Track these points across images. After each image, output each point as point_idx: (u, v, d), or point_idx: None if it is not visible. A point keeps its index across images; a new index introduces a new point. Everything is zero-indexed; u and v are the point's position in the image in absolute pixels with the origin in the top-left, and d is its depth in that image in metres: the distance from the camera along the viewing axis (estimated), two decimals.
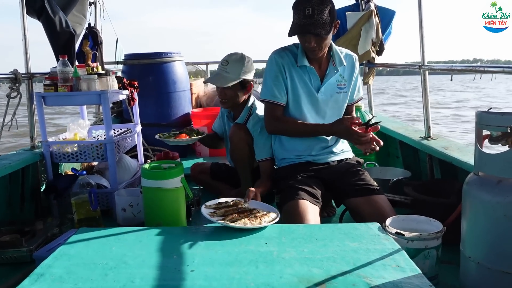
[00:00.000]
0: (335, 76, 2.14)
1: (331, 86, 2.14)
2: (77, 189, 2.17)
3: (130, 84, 2.97)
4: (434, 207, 1.98)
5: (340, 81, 2.16)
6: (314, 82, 2.12)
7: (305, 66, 2.10)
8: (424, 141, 2.61)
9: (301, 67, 2.10)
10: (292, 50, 2.14)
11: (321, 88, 2.12)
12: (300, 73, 2.11)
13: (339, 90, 2.16)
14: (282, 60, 2.11)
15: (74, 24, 3.14)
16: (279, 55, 2.13)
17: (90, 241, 1.53)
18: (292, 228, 1.65)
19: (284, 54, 2.12)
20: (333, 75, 2.14)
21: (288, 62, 2.11)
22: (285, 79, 2.11)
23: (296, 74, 2.11)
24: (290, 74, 2.11)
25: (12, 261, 1.88)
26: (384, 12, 3.65)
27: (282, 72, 2.10)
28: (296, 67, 2.11)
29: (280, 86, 2.11)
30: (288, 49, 2.14)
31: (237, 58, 2.39)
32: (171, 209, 1.90)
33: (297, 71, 2.11)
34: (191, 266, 1.32)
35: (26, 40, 2.59)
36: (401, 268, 1.29)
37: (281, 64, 2.11)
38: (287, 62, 2.11)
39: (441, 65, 3.03)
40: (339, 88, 2.16)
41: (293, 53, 2.13)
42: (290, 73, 2.11)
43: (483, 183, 1.38)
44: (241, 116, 2.47)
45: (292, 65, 2.11)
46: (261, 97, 2.18)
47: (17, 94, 2.55)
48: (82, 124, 2.66)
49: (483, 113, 1.40)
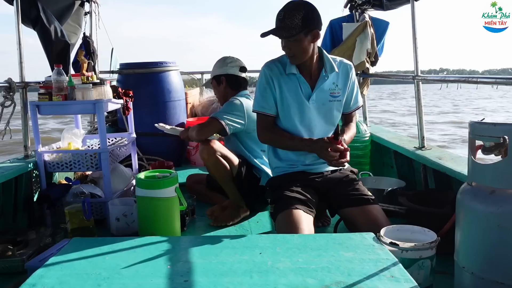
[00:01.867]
0: (327, 83, 2.13)
1: (324, 94, 2.13)
2: (70, 198, 2.16)
3: (125, 93, 2.97)
4: (429, 217, 1.99)
5: (333, 89, 2.14)
6: (305, 90, 2.12)
7: (293, 74, 2.11)
8: (418, 151, 2.62)
9: (290, 75, 2.11)
10: (282, 60, 2.15)
11: (312, 96, 2.11)
12: (289, 82, 2.12)
13: (332, 98, 2.14)
14: (271, 72, 2.13)
15: (69, 33, 3.15)
16: (268, 67, 2.15)
17: (83, 251, 1.52)
18: (287, 238, 1.65)
19: (273, 65, 2.15)
20: (324, 82, 2.13)
21: (277, 72, 2.13)
22: (274, 90, 2.12)
23: (285, 84, 2.12)
24: (279, 84, 2.12)
25: (4, 271, 1.86)
26: (378, 23, 3.69)
27: (270, 83, 2.12)
28: (284, 75, 2.12)
29: (269, 97, 2.13)
30: (278, 60, 2.17)
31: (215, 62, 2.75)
32: (165, 218, 1.90)
33: (286, 80, 2.12)
34: (185, 276, 1.31)
35: (21, 49, 2.59)
36: (395, 278, 1.28)
37: (269, 75, 2.13)
38: (275, 72, 2.13)
39: (434, 76, 3.06)
40: (332, 96, 2.14)
41: (283, 63, 2.14)
42: (279, 82, 2.12)
43: (476, 194, 1.39)
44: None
45: (281, 74, 2.12)
46: (253, 109, 2.21)
47: (11, 103, 2.54)
48: (76, 133, 2.65)
49: (476, 124, 1.41)
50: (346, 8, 3.81)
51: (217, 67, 2.71)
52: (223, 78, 2.67)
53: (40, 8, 2.75)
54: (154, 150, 3.67)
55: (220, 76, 2.68)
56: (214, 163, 2.41)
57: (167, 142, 3.83)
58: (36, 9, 2.73)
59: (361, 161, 3.17)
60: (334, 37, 3.74)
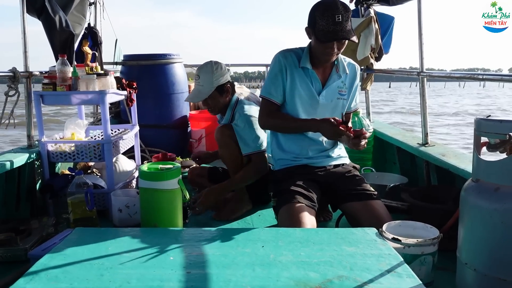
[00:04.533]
0: (337, 82, 2.16)
1: (333, 91, 2.16)
2: (73, 188, 2.16)
3: (129, 84, 2.97)
4: (431, 213, 1.99)
5: (341, 87, 2.17)
6: (316, 86, 2.13)
7: (307, 68, 2.11)
8: (422, 148, 2.62)
9: (303, 69, 2.12)
10: (297, 52, 2.15)
11: (323, 92, 2.13)
12: (302, 75, 2.12)
13: (339, 96, 2.17)
14: (286, 60, 2.12)
15: (74, 24, 3.14)
16: (283, 55, 2.15)
17: (86, 241, 1.52)
18: (289, 231, 1.65)
19: (288, 54, 2.14)
20: (335, 81, 2.16)
21: (291, 63, 2.12)
22: (285, 80, 2.12)
23: (298, 76, 2.12)
24: (292, 75, 2.12)
25: (6, 260, 1.87)
26: (383, 18, 3.67)
27: (283, 72, 2.12)
28: (298, 68, 2.12)
29: (278, 85, 2.12)
30: (294, 51, 2.16)
31: (206, 70, 2.43)
32: (168, 210, 1.90)
33: (299, 72, 2.12)
34: (188, 268, 1.31)
35: (26, 39, 2.58)
36: (397, 273, 1.28)
37: (284, 64, 2.12)
38: (290, 62, 2.12)
39: (440, 72, 3.05)
40: (340, 94, 2.17)
41: (298, 55, 2.14)
42: (292, 73, 2.12)
43: (481, 190, 1.39)
44: (225, 117, 2.52)
45: (295, 66, 2.12)
46: (260, 94, 2.22)
47: (15, 92, 2.53)
48: (80, 124, 2.65)
49: (481, 120, 1.41)
50: (352, 3, 3.78)
51: (218, 77, 2.43)
52: (229, 87, 2.48)
53: None
54: (157, 142, 3.67)
55: (224, 85, 2.46)
56: (226, 143, 2.39)
57: (169, 134, 3.84)
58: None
59: (364, 156, 3.17)
60: None
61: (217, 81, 2.42)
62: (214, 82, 2.41)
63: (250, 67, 6.60)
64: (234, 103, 2.50)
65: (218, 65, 2.45)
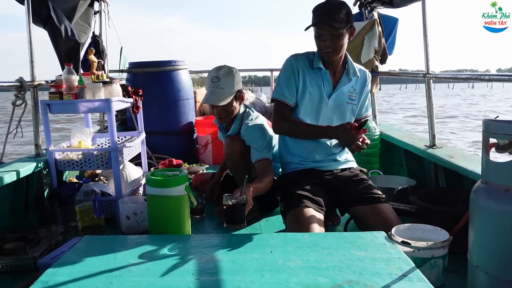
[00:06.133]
0: (347, 86, 2.18)
1: (343, 95, 2.17)
2: (81, 196, 2.16)
3: (135, 92, 2.98)
4: (440, 215, 1.97)
5: (351, 92, 2.19)
6: (327, 88, 2.16)
7: (320, 68, 2.14)
8: (429, 150, 2.60)
9: (316, 70, 2.15)
10: (308, 56, 2.19)
11: (333, 95, 2.16)
12: (314, 76, 2.15)
13: (349, 100, 2.19)
14: (297, 63, 2.16)
15: (79, 32, 3.16)
16: (295, 58, 2.19)
17: (95, 249, 1.52)
18: (297, 236, 1.64)
19: (300, 58, 2.18)
20: (345, 84, 2.17)
21: (303, 65, 2.16)
22: (297, 82, 2.15)
23: (309, 77, 2.15)
24: (303, 77, 2.15)
25: (16, 269, 1.88)
26: (387, 20, 3.67)
27: (296, 74, 2.15)
28: (310, 70, 2.15)
29: (291, 87, 2.15)
30: (305, 55, 2.20)
31: (226, 72, 2.34)
32: (175, 217, 1.90)
33: (311, 74, 2.15)
34: (196, 275, 1.31)
35: (32, 48, 2.60)
36: (408, 277, 1.27)
37: (296, 66, 2.16)
38: (301, 65, 2.16)
39: (446, 73, 3.04)
40: (349, 99, 2.19)
41: (309, 58, 2.18)
42: (304, 76, 2.15)
43: (490, 192, 1.37)
44: (233, 127, 2.46)
45: (307, 68, 2.16)
46: (272, 96, 2.23)
47: (23, 102, 2.55)
48: (86, 132, 2.66)
49: (490, 121, 1.40)
50: (355, 6, 3.78)
51: (238, 81, 2.36)
52: (243, 94, 2.44)
53: (51, 7, 2.76)
54: (163, 149, 3.69)
55: (241, 91, 2.41)
56: (235, 161, 2.40)
57: (176, 141, 3.85)
58: (47, 9, 2.74)
59: (371, 159, 3.15)
60: None
61: (237, 85, 2.36)
62: (235, 86, 2.34)
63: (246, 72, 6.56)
64: (242, 114, 2.46)
65: (236, 69, 2.39)
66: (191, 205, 1.97)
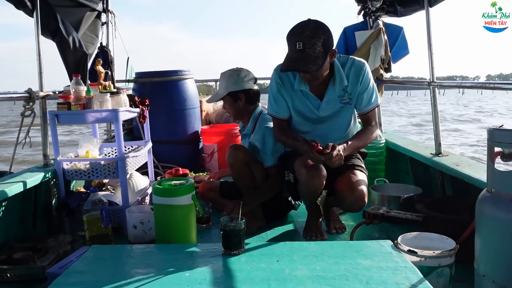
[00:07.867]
0: (336, 92, 2.15)
1: (333, 103, 2.18)
2: (89, 206, 2.18)
3: (142, 102, 3.01)
4: (447, 224, 1.96)
5: (342, 95, 2.16)
6: (313, 102, 2.19)
7: (301, 90, 2.18)
8: (435, 158, 2.60)
9: (298, 91, 2.19)
10: (289, 75, 2.20)
11: (322, 106, 2.18)
12: (298, 94, 2.20)
13: (342, 104, 2.19)
14: (282, 81, 2.22)
15: (87, 43, 3.20)
16: (279, 76, 2.22)
17: (103, 258, 1.54)
18: (304, 245, 1.65)
19: (283, 75, 2.20)
20: (334, 92, 2.16)
21: (287, 84, 2.21)
22: (285, 98, 2.23)
23: (294, 96, 2.21)
24: (289, 95, 2.22)
25: (25, 278, 1.89)
26: (391, 28, 3.68)
27: (281, 91, 2.23)
28: (294, 89, 2.19)
29: (281, 103, 2.24)
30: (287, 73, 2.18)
31: (225, 74, 2.55)
32: (182, 226, 1.91)
33: (296, 92, 2.20)
34: (203, 284, 1.32)
35: (41, 60, 2.64)
36: (415, 286, 1.27)
37: (280, 85, 2.22)
38: (286, 83, 2.21)
39: (451, 82, 3.04)
40: (341, 103, 2.19)
41: (291, 78, 2.20)
42: (289, 94, 2.22)
43: (496, 201, 1.37)
44: (248, 127, 2.58)
45: (291, 88, 2.20)
46: (267, 111, 2.34)
47: (31, 112, 2.59)
48: (94, 142, 2.69)
49: (495, 130, 1.40)
50: (359, 15, 3.81)
51: (232, 83, 2.50)
52: (242, 95, 2.51)
53: (59, 19, 2.80)
54: (170, 158, 3.70)
55: (238, 92, 2.51)
56: (238, 170, 2.43)
57: (182, 150, 3.87)
58: (55, 21, 2.78)
59: (377, 167, 3.14)
60: (348, 44, 3.74)
61: (231, 86, 2.50)
62: (228, 87, 2.51)
63: None
64: (257, 114, 2.55)
65: (237, 71, 2.54)
66: (197, 214, 1.98)
